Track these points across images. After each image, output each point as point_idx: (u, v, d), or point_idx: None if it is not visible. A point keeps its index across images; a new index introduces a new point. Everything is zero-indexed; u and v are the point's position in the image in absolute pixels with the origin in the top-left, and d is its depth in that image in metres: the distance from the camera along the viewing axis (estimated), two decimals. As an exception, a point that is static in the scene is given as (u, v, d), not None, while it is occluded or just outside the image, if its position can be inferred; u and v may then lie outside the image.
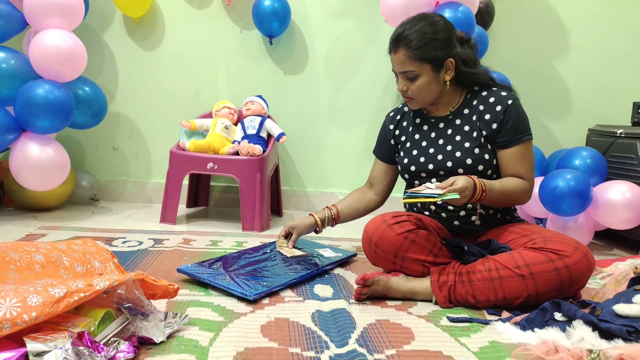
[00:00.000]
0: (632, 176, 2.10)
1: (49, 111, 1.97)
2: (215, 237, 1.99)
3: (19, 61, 2.02)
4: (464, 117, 1.51)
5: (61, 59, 2.02)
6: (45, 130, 2.04)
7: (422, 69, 1.44)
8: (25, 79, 2.01)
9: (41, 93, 1.96)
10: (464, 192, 1.30)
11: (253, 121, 2.33)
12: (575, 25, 2.59)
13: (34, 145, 2.02)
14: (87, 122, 2.28)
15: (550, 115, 2.64)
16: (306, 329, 1.15)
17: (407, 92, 1.49)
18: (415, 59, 1.43)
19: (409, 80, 1.47)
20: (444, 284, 1.34)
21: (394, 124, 1.66)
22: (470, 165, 1.46)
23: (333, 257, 1.68)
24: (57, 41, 2.00)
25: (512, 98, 1.47)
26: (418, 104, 1.52)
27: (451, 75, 1.48)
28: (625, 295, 1.19)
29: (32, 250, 1.07)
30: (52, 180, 2.08)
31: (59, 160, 2.08)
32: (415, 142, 1.58)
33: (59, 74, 2.05)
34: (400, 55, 1.45)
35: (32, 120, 1.98)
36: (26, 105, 1.96)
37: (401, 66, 1.45)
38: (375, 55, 2.56)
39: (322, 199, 2.67)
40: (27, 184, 2.06)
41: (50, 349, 0.83)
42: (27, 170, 2.02)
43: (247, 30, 2.56)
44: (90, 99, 2.24)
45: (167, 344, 1.02)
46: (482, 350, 1.09)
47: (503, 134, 1.45)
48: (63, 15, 2.07)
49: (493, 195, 1.39)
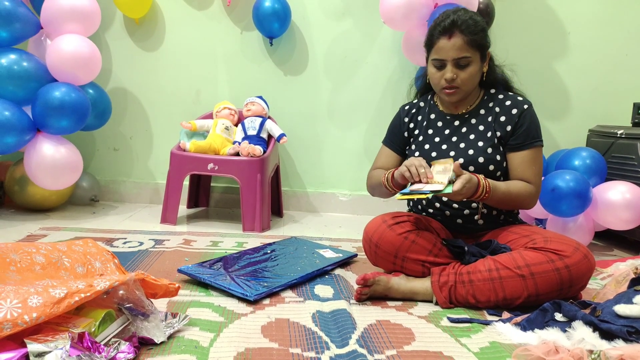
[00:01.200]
0: (632, 177, 2.10)
1: (67, 112, 2.04)
2: (216, 237, 1.99)
3: (32, 64, 2.07)
4: (479, 117, 1.52)
5: (78, 64, 2.10)
6: (62, 131, 2.09)
7: (474, 56, 1.43)
8: (40, 82, 2.07)
9: (59, 95, 2.03)
10: (465, 185, 1.29)
11: (253, 122, 2.34)
12: (575, 25, 2.59)
13: (48, 145, 2.07)
14: (91, 123, 2.31)
15: (550, 116, 2.64)
16: (307, 330, 1.15)
17: (455, 81, 1.44)
18: (472, 45, 1.41)
19: (459, 68, 1.44)
20: (445, 284, 1.34)
21: (409, 116, 1.64)
22: (481, 164, 1.46)
23: (333, 258, 1.68)
24: (74, 47, 2.08)
25: (528, 103, 1.48)
26: (460, 94, 1.48)
27: (487, 66, 1.49)
28: (626, 295, 1.19)
29: (33, 251, 1.07)
30: (64, 179, 2.12)
31: (73, 160, 2.13)
32: (428, 136, 1.57)
33: (76, 77, 2.12)
34: (458, 40, 1.41)
35: (50, 121, 2.03)
36: (45, 107, 2.01)
37: (458, 51, 1.41)
38: (375, 56, 2.57)
39: (322, 199, 2.67)
40: (41, 183, 2.10)
41: (51, 350, 0.83)
42: (42, 169, 2.06)
43: (247, 31, 2.56)
44: (95, 101, 2.28)
45: (167, 345, 1.02)
46: (483, 350, 1.09)
47: (516, 136, 1.46)
48: (80, 21, 2.14)
49: (496, 196, 1.39)
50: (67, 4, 2.10)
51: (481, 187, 1.35)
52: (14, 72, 2.01)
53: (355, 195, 2.67)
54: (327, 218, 2.55)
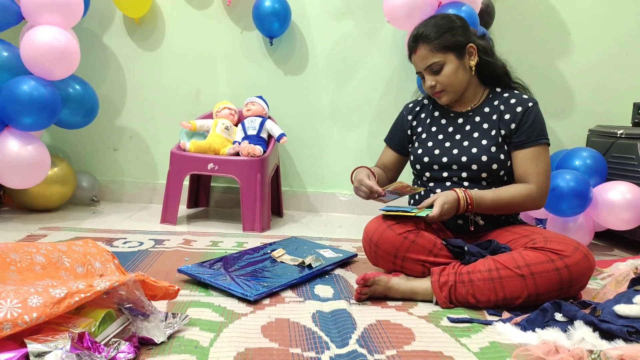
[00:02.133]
0: (632, 177, 2.10)
1: (33, 108, 1.90)
2: (216, 237, 1.99)
3: (10, 54, 1.96)
4: (484, 115, 1.52)
5: (52, 57, 1.95)
6: (29, 128, 1.97)
7: (445, 57, 1.45)
8: (14, 73, 1.95)
9: (26, 89, 1.89)
10: (443, 207, 1.36)
11: (253, 122, 2.34)
12: (575, 25, 2.59)
13: (14, 142, 1.96)
14: (78, 121, 2.21)
15: (551, 116, 2.63)
16: (307, 330, 1.15)
17: (436, 87, 1.49)
18: (437, 50, 1.45)
19: (434, 74, 1.48)
20: (445, 284, 1.34)
21: (413, 115, 1.66)
22: (485, 162, 1.46)
23: (333, 258, 1.68)
24: (49, 38, 1.94)
25: (533, 101, 1.49)
26: (449, 95, 1.51)
27: (475, 60, 1.50)
28: (626, 295, 1.19)
29: (33, 251, 1.07)
30: (32, 178, 2.02)
31: (39, 158, 2.01)
32: (431, 134, 1.58)
33: (49, 71, 1.99)
34: (422, 51, 1.47)
35: (15, 116, 1.91)
36: (10, 101, 1.89)
37: (424, 61, 1.47)
38: (375, 56, 2.56)
39: (322, 199, 2.67)
40: (7, 182, 2.00)
41: (51, 350, 0.83)
42: (7, 167, 1.95)
43: (247, 30, 2.56)
44: (82, 98, 2.16)
45: (167, 345, 1.02)
46: (483, 350, 1.09)
47: (519, 134, 1.46)
48: (60, 12, 2.01)
49: (484, 205, 1.42)
50: None
51: (462, 202, 1.39)
52: None
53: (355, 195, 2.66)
54: (327, 218, 2.55)
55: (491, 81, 1.57)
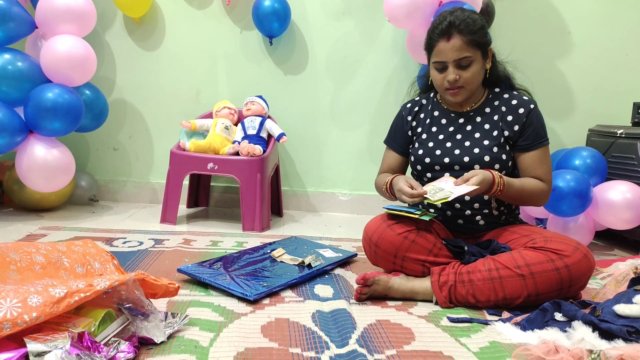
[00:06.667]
0: (632, 176, 2.09)
1: (60, 114, 2.01)
2: (216, 237, 1.99)
3: (27, 64, 2.04)
4: (485, 115, 1.52)
5: (72, 64, 2.06)
6: (55, 133, 2.07)
7: (475, 55, 1.43)
8: (34, 82, 2.05)
9: (51, 97, 1.99)
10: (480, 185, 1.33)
11: (253, 121, 2.33)
12: (575, 25, 2.59)
13: (40, 147, 2.04)
14: (88, 125, 2.30)
15: (551, 115, 2.63)
16: (306, 329, 1.15)
17: (457, 82, 1.44)
18: (471, 44, 1.41)
19: (461, 69, 1.44)
20: (445, 284, 1.34)
21: (412, 114, 1.63)
22: (487, 162, 1.46)
23: (333, 257, 1.68)
24: (68, 47, 2.05)
25: (533, 103, 1.49)
26: (465, 93, 1.48)
27: (489, 64, 1.49)
28: (626, 295, 1.19)
29: (33, 251, 1.07)
30: (56, 181, 2.10)
31: (65, 162, 2.10)
32: (432, 134, 1.57)
33: (69, 78, 2.09)
34: (457, 41, 1.41)
35: (43, 122, 2.01)
36: (38, 108, 1.98)
37: (458, 52, 1.41)
38: (375, 55, 2.56)
39: (322, 199, 2.67)
40: (33, 185, 2.08)
41: (51, 349, 0.83)
42: (33, 171, 2.04)
43: (247, 30, 2.56)
44: (92, 102, 2.26)
45: (167, 344, 1.02)
46: (483, 350, 1.09)
47: (525, 137, 1.46)
48: (75, 22, 2.11)
49: (510, 192, 1.41)
50: (62, 4, 2.07)
51: (496, 183, 1.37)
52: (8, 73, 1.98)
53: (355, 194, 2.67)
54: (327, 218, 2.55)
55: (491, 83, 1.56)
